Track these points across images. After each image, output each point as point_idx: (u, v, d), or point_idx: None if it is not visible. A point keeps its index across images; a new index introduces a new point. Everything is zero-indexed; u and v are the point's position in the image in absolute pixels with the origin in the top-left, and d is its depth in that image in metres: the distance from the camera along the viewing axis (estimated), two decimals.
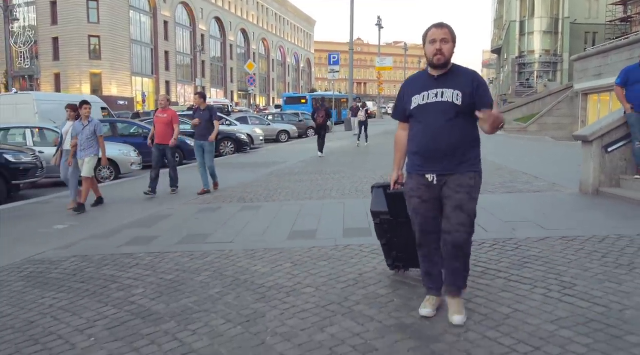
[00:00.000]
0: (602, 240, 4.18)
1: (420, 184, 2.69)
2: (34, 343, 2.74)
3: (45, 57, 51.86)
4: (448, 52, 2.61)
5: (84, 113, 6.82)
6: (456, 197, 2.60)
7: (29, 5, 53.07)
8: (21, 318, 3.12)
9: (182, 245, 4.70)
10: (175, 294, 3.38)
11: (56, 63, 50.73)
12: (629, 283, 3.19)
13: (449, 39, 2.62)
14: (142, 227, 5.61)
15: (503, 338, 2.52)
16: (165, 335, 2.74)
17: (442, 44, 2.60)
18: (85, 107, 6.79)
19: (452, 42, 2.64)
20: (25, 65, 53.03)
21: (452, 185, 2.62)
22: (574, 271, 3.45)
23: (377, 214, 3.30)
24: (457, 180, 2.62)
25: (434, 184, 2.66)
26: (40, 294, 3.55)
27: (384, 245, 3.44)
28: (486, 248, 4.08)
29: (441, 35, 2.61)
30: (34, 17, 53.40)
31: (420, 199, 2.71)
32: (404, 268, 3.51)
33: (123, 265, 4.15)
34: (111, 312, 3.12)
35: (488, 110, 2.48)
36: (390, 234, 3.33)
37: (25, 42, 53.27)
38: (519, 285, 3.23)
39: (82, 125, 6.83)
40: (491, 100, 2.66)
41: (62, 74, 51.33)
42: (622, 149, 6.07)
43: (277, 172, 10.14)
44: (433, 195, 2.68)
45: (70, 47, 50.46)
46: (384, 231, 3.35)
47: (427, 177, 2.67)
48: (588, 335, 2.50)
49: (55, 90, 50.22)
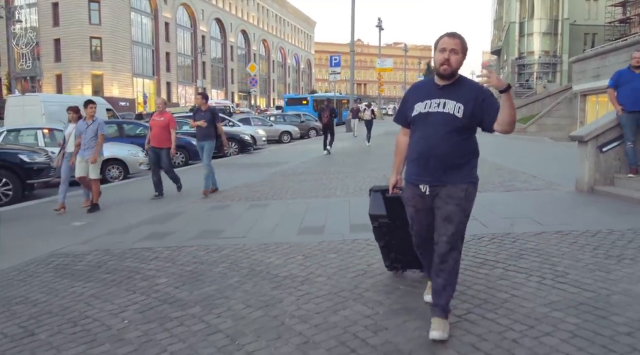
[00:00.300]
0: (594, 234, 4.44)
1: (415, 194, 2.71)
2: (72, 325, 3.01)
3: (46, 59, 52.04)
4: (456, 63, 2.58)
5: (89, 112, 6.86)
6: (445, 209, 2.60)
7: (30, 7, 53.27)
8: (56, 304, 3.38)
9: (197, 240, 4.96)
10: (197, 283, 3.64)
11: (58, 64, 50.98)
12: (617, 272, 3.45)
13: (458, 50, 2.58)
14: (156, 224, 5.87)
15: (501, 318, 2.78)
16: (192, 318, 3.01)
17: (451, 54, 2.57)
18: (90, 106, 6.86)
19: (462, 53, 2.60)
20: (27, 66, 53.25)
21: (442, 195, 2.62)
22: (567, 262, 3.71)
23: (375, 217, 3.30)
24: (447, 192, 2.61)
25: (426, 194, 2.66)
26: (70, 283, 3.82)
27: (382, 248, 3.48)
28: (485, 241, 4.35)
29: (451, 45, 2.58)
30: (35, 19, 53.62)
31: (415, 208, 2.74)
32: (402, 269, 3.57)
33: (143, 258, 4.41)
34: (139, 299, 3.38)
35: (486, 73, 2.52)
36: (388, 237, 3.36)
37: (27, 43, 53.48)
38: (516, 274, 3.49)
39: (86, 124, 6.87)
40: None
41: (63, 75, 51.52)
42: (616, 149, 6.33)
43: (281, 172, 10.41)
44: (426, 205, 2.69)
45: (72, 49, 50.71)
46: (382, 234, 3.37)
47: (420, 187, 2.67)
48: (577, 316, 2.76)
49: (57, 92, 50.45)
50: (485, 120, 2.58)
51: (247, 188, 8.37)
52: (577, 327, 2.63)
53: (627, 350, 2.39)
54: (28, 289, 3.72)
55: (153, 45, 58.72)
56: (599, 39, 46.55)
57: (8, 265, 4.37)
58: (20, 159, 8.29)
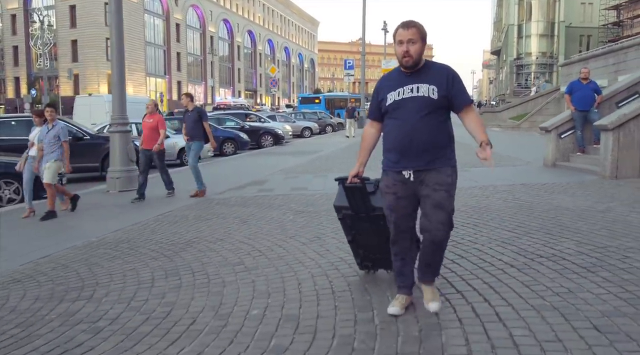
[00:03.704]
0: (544, 184, 7.03)
1: (396, 180, 2.65)
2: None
3: (64, 59, 54.11)
4: (415, 53, 2.57)
5: (47, 116, 6.57)
6: (435, 196, 2.59)
7: (48, 9, 55.29)
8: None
9: (295, 191, 7.51)
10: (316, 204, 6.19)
11: (75, 64, 52.89)
12: (554, 196, 6.01)
13: (416, 39, 2.56)
14: (257, 184, 8.41)
15: (492, 222, 5.34)
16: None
17: (409, 45, 2.55)
18: (47, 110, 6.60)
19: (421, 41, 2.59)
20: (45, 66, 55.57)
21: (430, 183, 2.60)
22: (524, 191, 6.26)
23: (339, 208, 3.20)
24: (435, 178, 2.60)
25: (410, 181, 2.62)
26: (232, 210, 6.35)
27: (350, 243, 3.34)
28: (476, 190, 6.90)
29: (407, 35, 2.56)
30: (53, 20, 55.73)
31: (395, 196, 2.66)
32: (372, 268, 3.44)
33: (263, 200, 6.96)
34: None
35: (484, 149, 2.53)
36: (354, 231, 3.25)
37: (45, 44, 55.84)
38: (494, 201, 6.03)
39: (47, 128, 6.58)
40: (469, 99, 2.71)
41: (80, 75, 53.29)
42: (570, 136, 8.91)
43: (319, 158, 12.95)
44: (409, 192, 2.64)
45: (89, 49, 52.91)
46: (348, 227, 3.26)
47: (403, 174, 2.62)
48: (529, 216, 5.31)
49: (74, 91, 52.65)
50: (454, 102, 2.63)
51: (302, 167, 10.87)
52: (516, 219, 5.21)
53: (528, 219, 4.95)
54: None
55: (165, 45, 61.06)
56: (593, 41, 48.82)
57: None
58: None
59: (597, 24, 47.68)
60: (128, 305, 3.17)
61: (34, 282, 3.82)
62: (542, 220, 4.81)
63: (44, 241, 5.21)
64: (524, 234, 4.31)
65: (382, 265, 3.36)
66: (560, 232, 4.31)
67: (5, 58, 59.08)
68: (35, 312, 3.16)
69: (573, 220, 4.79)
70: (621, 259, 3.48)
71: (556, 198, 6.02)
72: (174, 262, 4.06)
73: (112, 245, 4.78)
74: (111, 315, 3.02)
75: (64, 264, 4.25)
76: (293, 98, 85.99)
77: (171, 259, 4.18)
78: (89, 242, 5.00)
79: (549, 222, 4.75)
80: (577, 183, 7.09)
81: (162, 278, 3.68)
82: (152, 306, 3.13)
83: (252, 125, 18.19)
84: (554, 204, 5.64)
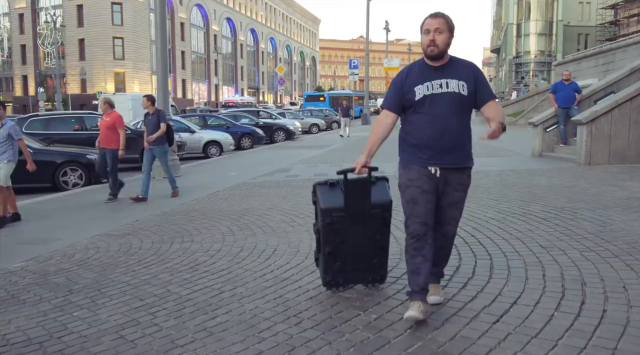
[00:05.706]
0: (528, 169, 8.36)
1: (422, 174, 2.63)
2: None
3: (71, 57, 54.89)
4: (442, 43, 2.54)
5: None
6: (455, 195, 2.67)
7: (55, 9, 56.15)
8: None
9: (318, 176, 8.82)
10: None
11: (82, 63, 53.66)
12: (537, 177, 7.33)
13: (443, 29, 2.54)
14: (283, 172, 9.74)
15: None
16: None
17: (436, 34, 2.53)
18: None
19: (449, 31, 2.56)
20: (52, 65, 56.52)
21: (453, 182, 2.64)
22: (511, 175, 7.59)
23: (328, 211, 2.96)
24: (458, 178, 2.65)
25: (436, 177, 2.62)
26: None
27: (329, 254, 3.04)
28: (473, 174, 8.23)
29: (435, 25, 2.54)
30: (60, 19, 56.65)
31: (420, 189, 2.62)
32: (343, 284, 3.17)
33: (276, 184, 8.28)
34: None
35: (498, 127, 2.51)
36: (338, 239, 3.00)
37: (52, 42, 56.79)
38: (486, 181, 7.35)
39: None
40: (493, 94, 2.72)
41: (87, 73, 54.36)
42: (555, 130, 10.26)
43: (332, 151, 14.28)
44: (432, 187, 2.63)
45: (96, 48, 53.83)
46: (333, 234, 2.99)
47: (429, 169, 2.62)
48: (499, 191, 6.64)
49: (82, 90, 53.79)
50: (478, 96, 2.63)
51: (318, 158, 12.20)
52: (500, 194, 6.54)
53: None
54: None
55: (169, 44, 62.13)
56: (591, 40, 49.95)
57: None
58: None
59: (595, 22, 48.80)
60: (223, 243, 4.51)
61: (143, 233, 5.14)
62: (520, 193, 6.17)
63: (122, 213, 6.56)
64: (505, 202, 5.67)
65: (358, 279, 3.15)
66: (532, 199, 5.68)
67: (13, 56, 60.22)
68: (157, 249, 4.50)
69: (544, 192, 6.15)
70: (571, 214, 4.85)
71: (536, 179, 7.37)
72: (241, 222, 5.39)
73: (184, 214, 6.10)
74: (215, 248, 4.36)
75: (157, 223, 5.59)
76: (295, 96, 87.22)
77: (238, 220, 5.51)
78: (163, 212, 6.32)
79: (525, 194, 6.11)
80: (557, 168, 8.44)
81: (238, 230, 5.02)
82: (241, 243, 4.48)
83: (265, 121, 19.60)
84: (532, 183, 7.00)
